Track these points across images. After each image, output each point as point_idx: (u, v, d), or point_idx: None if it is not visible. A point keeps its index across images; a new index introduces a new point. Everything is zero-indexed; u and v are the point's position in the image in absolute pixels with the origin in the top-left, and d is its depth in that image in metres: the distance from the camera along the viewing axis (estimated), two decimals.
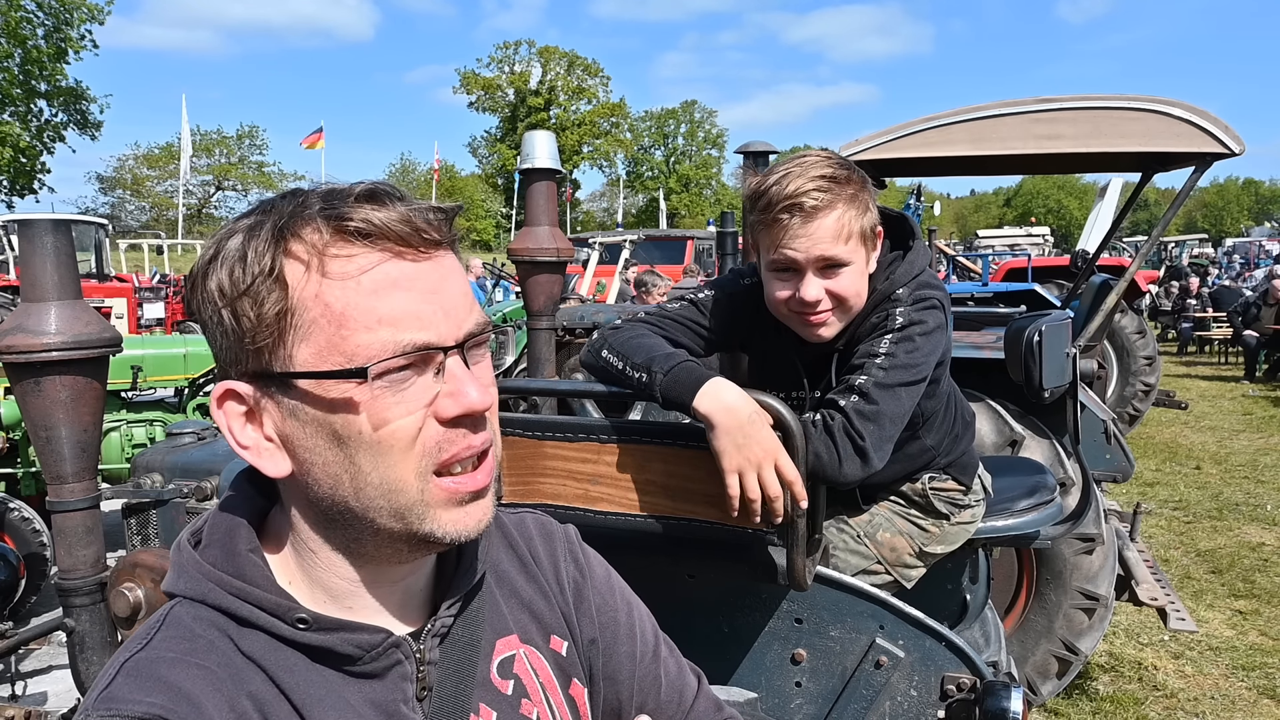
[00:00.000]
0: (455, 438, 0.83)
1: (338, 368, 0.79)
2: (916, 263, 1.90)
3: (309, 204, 0.81)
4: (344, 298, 0.79)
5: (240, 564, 0.85)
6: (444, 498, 0.83)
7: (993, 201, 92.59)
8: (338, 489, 0.82)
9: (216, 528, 0.88)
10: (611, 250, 14.08)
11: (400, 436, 0.80)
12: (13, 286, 12.02)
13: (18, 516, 4.85)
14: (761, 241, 1.84)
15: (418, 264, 0.81)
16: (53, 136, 34.72)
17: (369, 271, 0.79)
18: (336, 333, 0.79)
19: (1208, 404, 12.02)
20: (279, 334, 0.80)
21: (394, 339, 0.79)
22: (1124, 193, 14.46)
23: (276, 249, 0.79)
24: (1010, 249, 24.48)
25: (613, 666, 1.06)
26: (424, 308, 0.81)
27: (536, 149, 3.73)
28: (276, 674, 0.82)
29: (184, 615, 0.84)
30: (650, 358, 1.74)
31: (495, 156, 65.20)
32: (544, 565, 1.07)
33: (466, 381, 0.83)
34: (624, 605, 1.11)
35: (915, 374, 1.76)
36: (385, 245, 0.80)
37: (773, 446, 1.57)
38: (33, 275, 2.21)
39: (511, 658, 0.97)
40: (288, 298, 0.79)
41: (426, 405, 0.81)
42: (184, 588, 0.85)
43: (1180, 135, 3.58)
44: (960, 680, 1.80)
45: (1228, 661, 4.51)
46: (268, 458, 0.84)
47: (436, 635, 0.91)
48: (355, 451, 0.81)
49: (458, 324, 0.83)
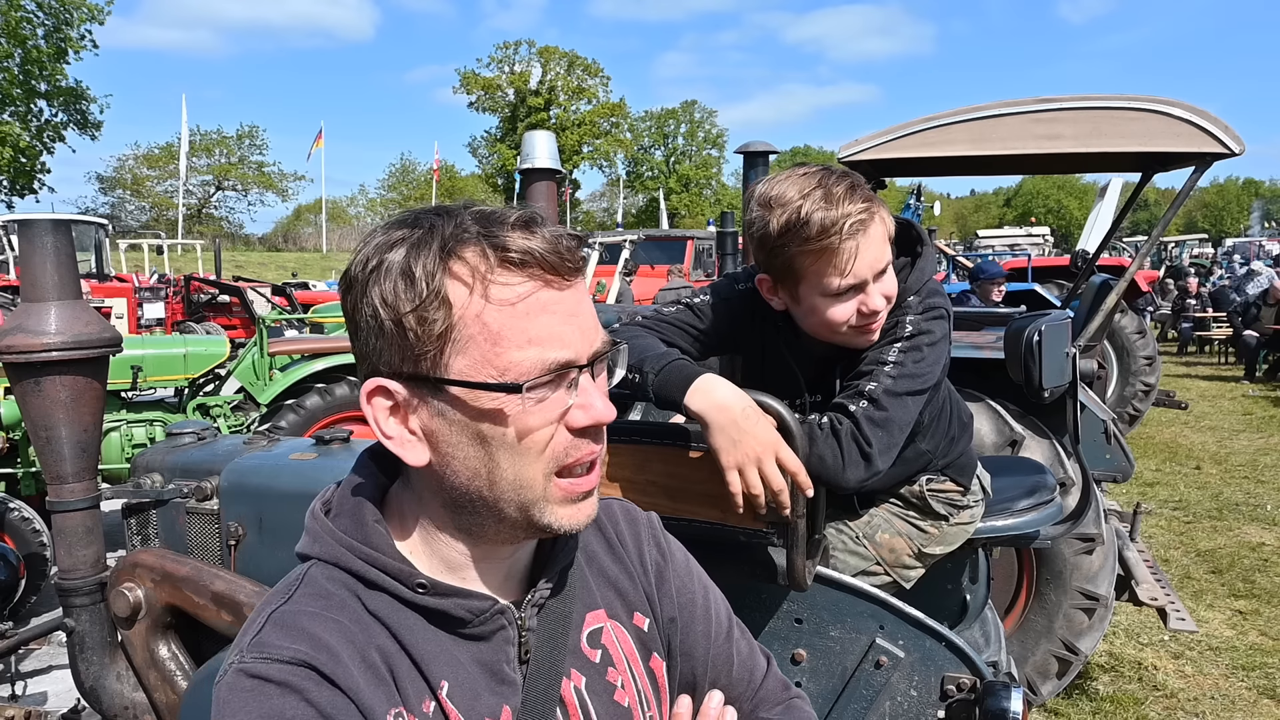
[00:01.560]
0: (580, 444, 0.94)
1: (491, 380, 0.88)
2: (926, 270, 1.91)
3: (466, 226, 0.89)
4: (501, 319, 0.88)
5: (368, 533, 0.95)
6: (562, 496, 0.94)
7: (993, 201, 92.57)
8: (474, 481, 0.92)
9: (346, 499, 0.99)
10: (611, 250, 14.07)
11: (538, 441, 0.91)
12: (13, 286, 12.03)
13: (18, 516, 4.85)
14: (809, 269, 1.75)
15: (561, 290, 0.91)
16: (53, 136, 34.68)
17: (525, 298, 0.88)
18: (491, 349, 0.88)
19: (1208, 404, 12.02)
20: (440, 347, 0.89)
21: (541, 357, 0.89)
22: (1124, 193, 14.47)
23: (443, 271, 0.88)
24: (1010, 249, 24.47)
25: (689, 643, 1.16)
26: (565, 329, 0.91)
27: (536, 149, 3.72)
28: (398, 631, 0.92)
29: (319, 575, 0.94)
30: (642, 358, 1.73)
31: (495, 156, 65.18)
32: (629, 548, 1.16)
33: (595, 395, 0.94)
34: (701, 589, 1.20)
35: (922, 383, 1.78)
36: (537, 273, 0.89)
37: (771, 439, 1.57)
38: (33, 275, 2.21)
39: (599, 630, 1.07)
40: (451, 316, 0.88)
41: (560, 416, 0.92)
42: (319, 551, 0.96)
43: (1180, 135, 3.58)
44: (960, 680, 1.80)
45: (1228, 661, 4.51)
46: (410, 449, 0.93)
47: (535, 605, 1.01)
48: (496, 451, 0.91)
49: (590, 343, 0.94)
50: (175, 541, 2.36)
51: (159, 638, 2.18)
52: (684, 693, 1.15)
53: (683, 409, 1.64)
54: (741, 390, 1.63)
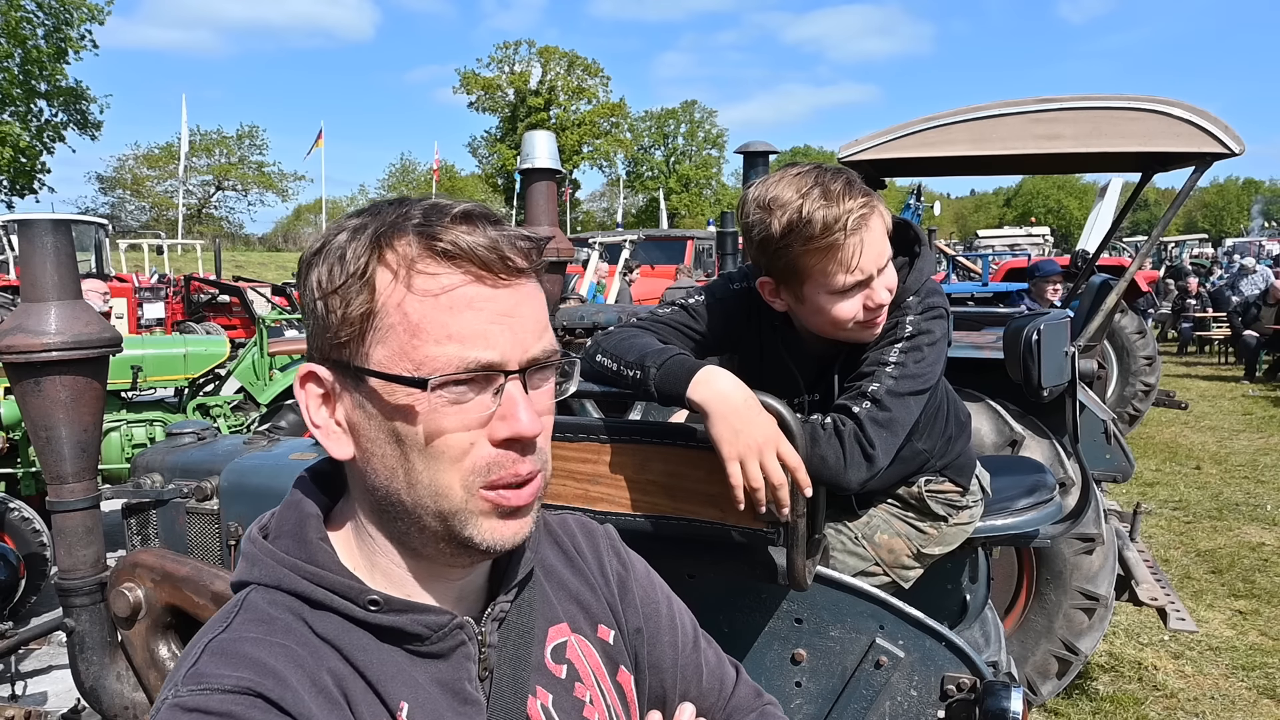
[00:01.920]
0: (504, 461, 0.87)
1: (406, 373, 0.84)
2: (925, 270, 1.91)
3: (410, 215, 0.87)
4: (421, 311, 0.84)
5: (313, 551, 0.90)
6: (486, 508, 0.88)
7: (993, 201, 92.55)
8: (392, 482, 0.88)
9: (286, 520, 0.94)
10: (611, 250, 14.08)
11: (451, 447, 0.85)
12: (13, 286, 12.02)
13: (18, 516, 4.85)
14: (814, 268, 1.75)
15: (495, 288, 0.86)
16: (53, 136, 34.66)
17: (450, 291, 0.84)
18: (409, 341, 0.84)
19: (1208, 404, 12.02)
20: (360, 332, 0.86)
21: (459, 355, 0.84)
22: (1124, 193, 14.47)
23: (372, 255, 0.85)
24: (1010, 249, 24.48)
25: (656, 655, 1.12)
26: (492, 329, 0.85)
27: (536, 149, 3.73)
28: (350, 653, 0.87)
29: (259, 600, 0.89)
30: (643, 355, 1.73)
31: (495, 156, 65.17)
32: (588, 559, 1.12)
33: (520, 406, 0.86)
34: (664, 598, 1.17)
35: (923, 383, 1.78)
36: (468, 267, 0.85)
37: (772, 433, 1.56)
38: (33, 275, 2.21)
39: (564, 644, 1.03)
40: (374, 301, 0.85)
41: (481, 424, 0.86)
42: (258, 575, 0.90)
43: (1180, 135, 3.58)
44: (960, 680, 1.80)
45: (1228, 661, 4.51)
46: (335, 440, 0.90)
47: (495, 620, 0.97)
48: (410, 452, 0.86)
49: (524, 348, 0.87)
50: (175, 541, 2.36)
51: (159, 638, 2.18)
52: (653, 707, 1.11)
53: (685, 401, 1.64)
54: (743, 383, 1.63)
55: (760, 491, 1.56)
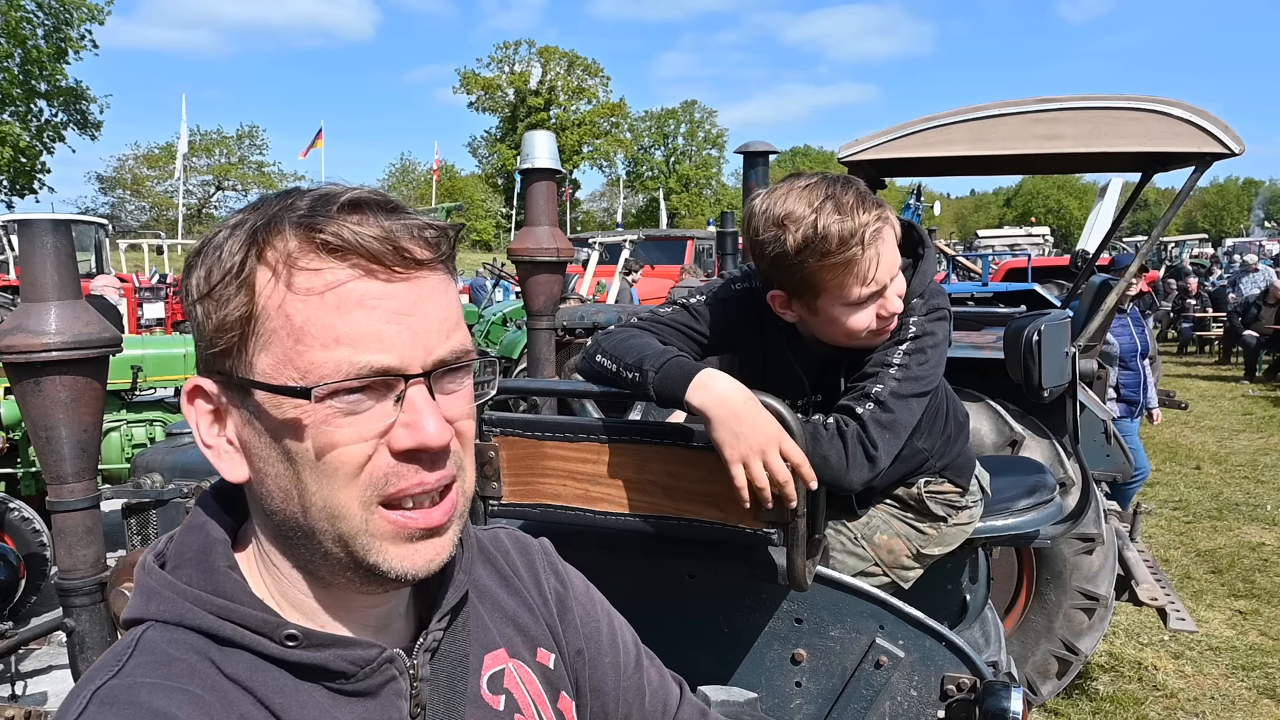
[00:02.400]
0: (406, 472, 0.78)
1: (291, 383, 0.75)
2: (928, 272, 1.91)
3: (294, 207, 0.78)
4: (305, 312, 0.75)
5: (220, 581, 0.80)
6: (390, 531, 0.78)
7: (993, 201, 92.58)
8: (288, 504, 0.79)
9: (187, 546, 0.84)
10: (611, 250, 14.08)
11: (345, 462, 0.76)
12: (13, 286, 12.02)
13: (18, 516, 4.85)
14: (830, 282, 1.74)
15: (390, 284, 0.76)
16: (53, 136, 34.69)
17: (335, 288, 0.75)
18: (294, 347, 0.75)
19: (1208, 404, 12.03)
20: (241, 339, 0.77)
21: (350, 360, 0.75)
22: (1124, 193, 14.47)
23: (249, 252, 0.76)
24: (1010, 249, 24.48)
25: (598, 678, 1.05)
26: (387, 329, 0.76)
27: (536, 149, 3.73)
28: (265, 696, 0.77)
29: (157, 639, 0.78)
30: (641, 356, 1.73)
31: (495, 156, 65.19)
32: (524, 577, 1.04)
33: (425, 413, 0.77)
34: (605, 616, 1.09)
35: (925, 385, 1.79)
36: (356, 261, 0.75)
37: (774, 431, 1.56)
38: (33, 275, 2.21)
39: (501, 672, 0.94)
40: (253, 303, 0.76)
41: (380, 434, 0.77)
42: (156, 610, 0.79)
43: (1180, 135, 3.58)
44: (960, 680, 1.80)
45: (1228, 661, 4.51)
46: (227, 461, 0.82)
47: (428, 650, 0.88)
48: (302, 470, 0.77)
49: (427, 349, 0.78)
50: None
51: None
52: None
53: (684, 404, 1.64)
54: (741, 384, 1.62)
55: (765, 490, 1.56)
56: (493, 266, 15.21)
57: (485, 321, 10.84)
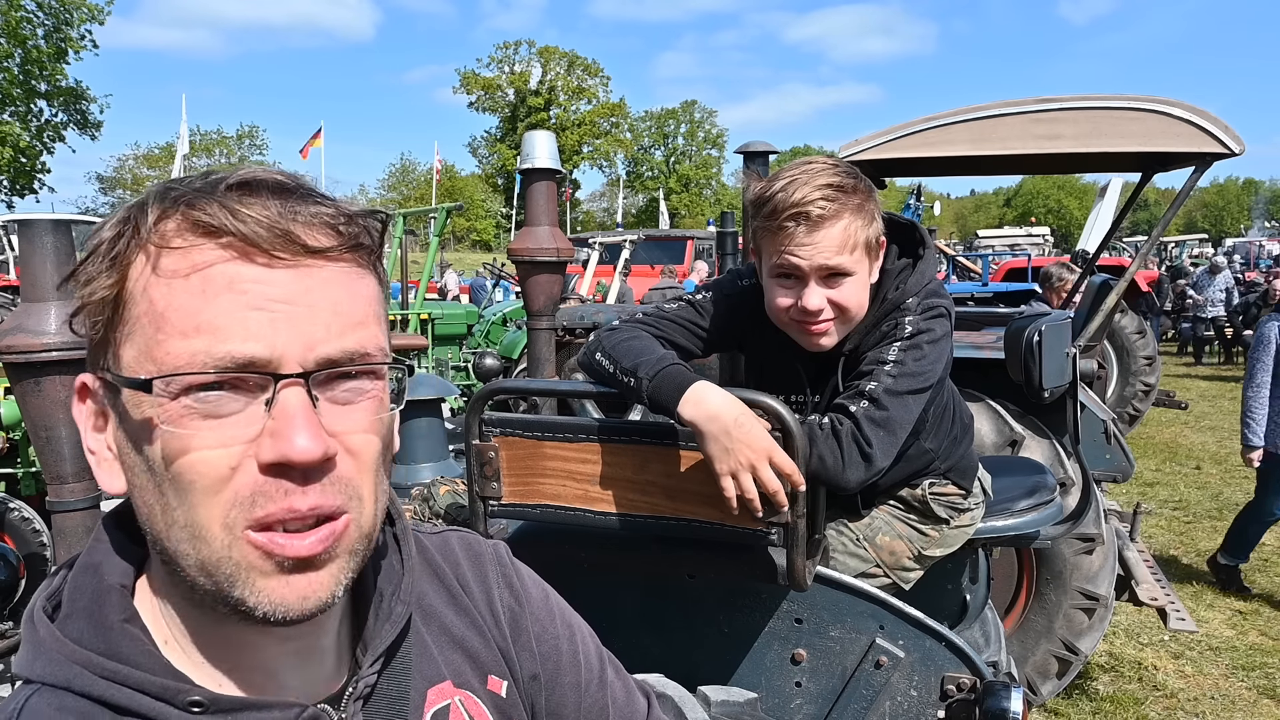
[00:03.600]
0: (274, 492, 0.65)
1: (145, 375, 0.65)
2: (927, 272, 1.90)
3: (189, 185, 0.69)
4: (168, 296, 0.65)
5: (113, 639, 0.69)
6: (257, 557, 0.66)
7: (993, 201, 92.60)
8: (154, 521, 0.68)
9: (80, 592, 0.72)
10: (611, 250, 14.08)
11: (202, 472, 0.65)
12: (13, 286, 12.02)
13: (18, 516, 4.85)
14: (764, 247, 1.82)
15: (270, 269, 0.66)
16: (53, 136, 34.70)
17: (202, 270, 0.65)
18: (154, 336, 0.66)
19: (1208, 404, 12.02)
20: (108, 326, 0.68)
21: (207, 350, 0.64)
22: (1124, 193, 14.47)
23: (124, 228, 0.68)
24: (1010, 249, 24.47)
25: (556, 701, 0.95)
26: (257, 317, 0.65)
27: (536, 149, 3.73)
28: None
29: (43, 707, 0.68)
30: (637, 362, 1.73)
31: (495, 156, 65.20)
32: (475, 594, 0.93)
33: (296, 421, 0.65)
34: (565, 630, 0.98)
35: (923, 381, 1.77)
36: (229, 241, 0.66)
37: (764, 445, 1.57)
38: (33, 275, 2.21)
39: (446, 708, 0.84)
40: (122, 286, 0.67)
41: (249, 440, 0.65)
42: (42, 671, 0.69)
43: (1180, 135, 3.58)
44: (960, 680, 1.80)
45: (1228, 661, 4.51)
46: (105, 470, 0.72)
47: (360, 697, 0.77)
48: (161, 481, 0.66)
49: (308, 345, 0.67)
50: None
51: None
52: None
53: (676, 417, 1.65)
54: (734, 396, 1.62)
55: (755, 502, 1.58)
56: (493, 266, 15.22)
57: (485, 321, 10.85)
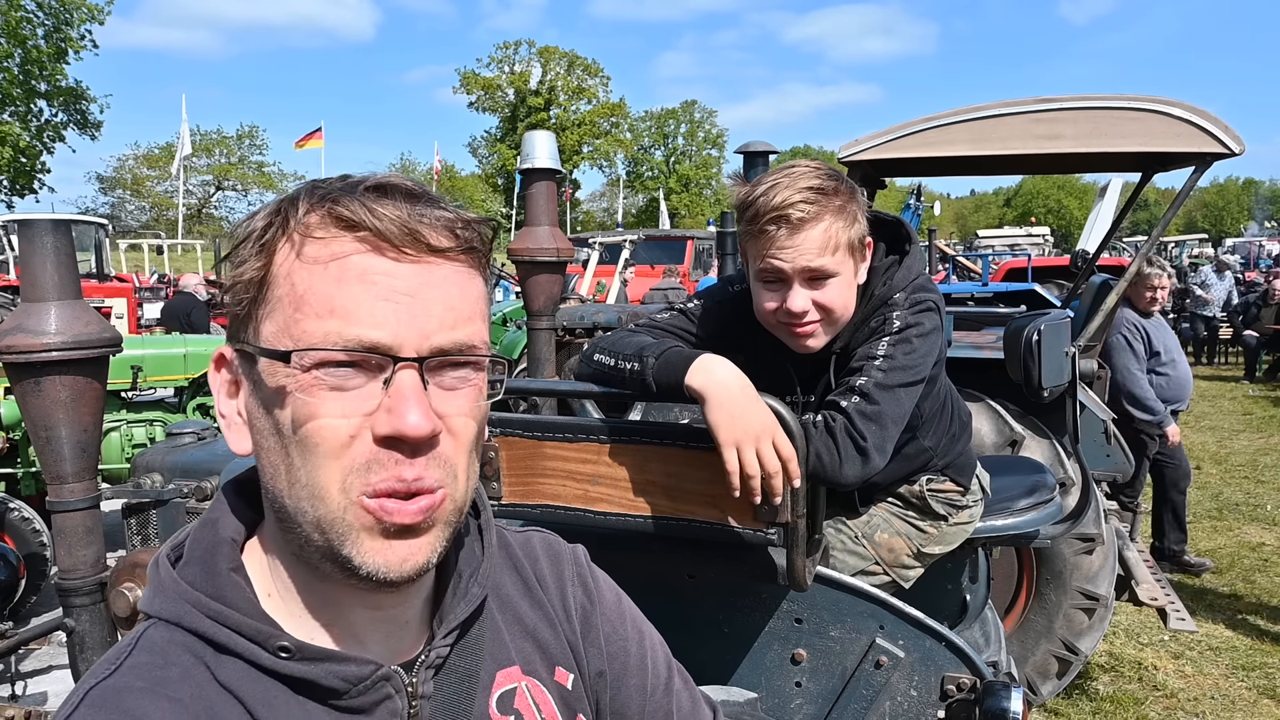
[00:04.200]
0: (386, 462, 0.74)
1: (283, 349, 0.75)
2: (913, 268, 1.91)
3: (328, 185, 0.79)
4: (308, 281, 0.75)
5: (220, 584, 0.79)
6: (367, 521, 0.75)
7: (993, 201, 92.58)
8: (277, 481, 0.77)
9: (198, 543, 0.83)
10: (611, 250, 14.08)
11: (326, 437, 0.74)
12: (13, 286, 12.02)
13: (18, 516, 4.85)
14: (749, 251, 1.84)
15: (398, 263, 0.75)
16: (53, 136, 34.64)
17: (339, 259, 0.75)
18: (292, 315, 0.75)
19: (1208, 404, 12.03)
20: (253, 303, 0.77)
21: (339, 331, 0.73)
22: (1124, 193, 14.47)
23: (273, 218, 0.78)
24: (1010, 249, 24.48)
25: (621, 701, 0.99)
26: (383, 307, 0.74)
27: (536, 149, 3.73)
28: (255, 707, 0.75)
29: (158, 639, 0.77)
30: (641, 348, 1.75)
31: (495, 156, 65.17)
32: (550, 590, 0.99)
33: (409, 401, 0.74)
34: (635, 634, 1.03)
35: (913, 375, 1.77)
36: (364, 235, 0.75)
37: (769, 422, 1.57)
38: (33, 275, 2.21)
39: (513, 691, 0.90)
40: (268, 269, 0.77)
41: (367, 414, 0.74)
42: (160, 607, 0.79)
43: (1180, 135, 3.58)
44: (960, 680, 1.80)
45: (1228, 661, 4.51)
46: (235, 433, 0.82)
47: (431, 666, 0.84)
48: (289, 444, 0.75)
49: (424, 334, 0.75)
50: None
51: None
52: None
53: (683, 388, 1.64)
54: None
55: (755, 479, 1.56)
56: (493, 266, 15.22)
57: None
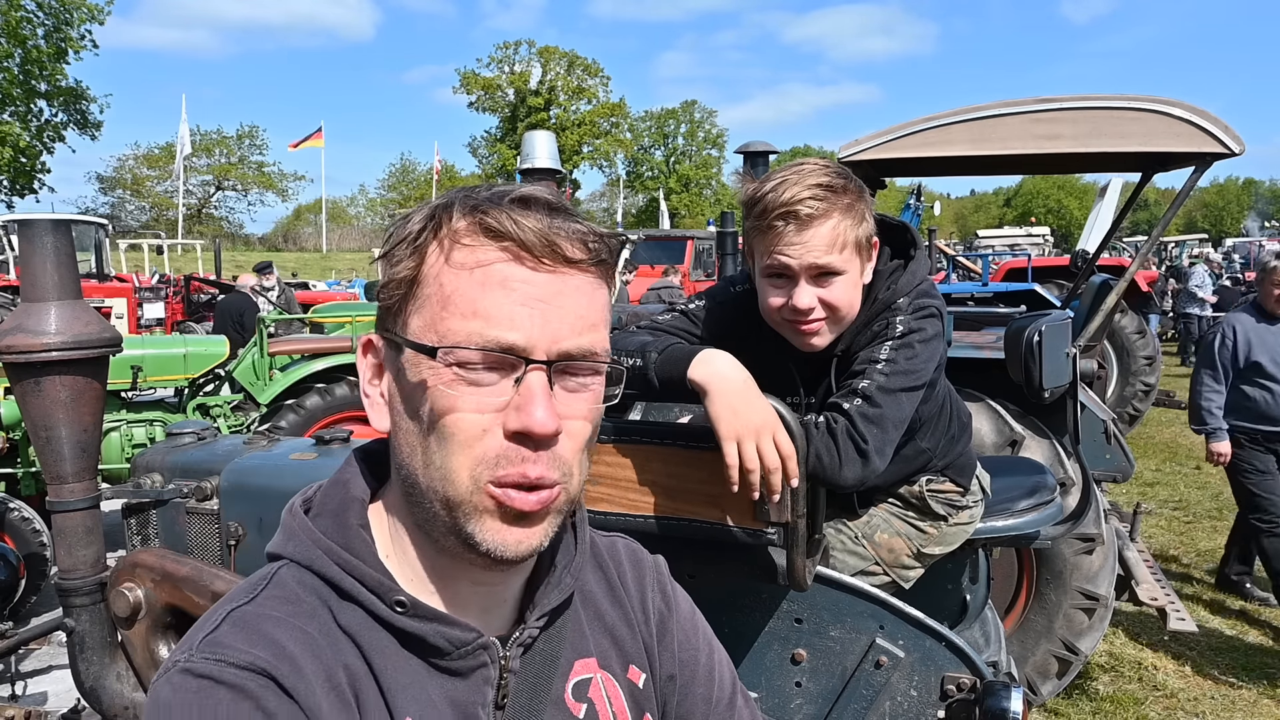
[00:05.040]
0: (513, 456, 0.81)
1: (429, 344, 0.82)
2: (918, 273, 1.92)
3: (476, 194, 0.85)
4: (455, 283, 0.82)
5: (349, 536, 0.87)
6: (490, 505, 0.82)
7: (993, 201, 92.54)
8: (413, 460, 0.85)
9: (330, 498, 0.91)
10: None
11: (462, 428, 0.81)
12: (13, 286, 12.03)
13: (18, 516, 4.85)
14: (756, 247, 1.84)
15: (536, 272, 0.82)
16: (53, 136, 34.61)
17: (485, 266, 0.82)
18: (440, 312, 0.82)
19: None
20: (403, 299, 0.85)
21: (480, 332, 0.81)
22: (1124, 193, 14.47)
23: (427, 223, 0.85)
24: (1010, 249, 24.46)
25: (686, 708, 1.05)
26: (521, 311, 0.81)
27: (536, 149, 3.74)
28: (369, 653, 0.83)
29: (289, 578, 0.86)
30: (643, 344, 1.75)
31: (495, 156, 65.14)
32: (631, 593, 1.05)
33: (538, 400, 0.80)
34: (705, 646, 1.09)
35: (915, 379, 1.78)
36: (509, 246, 0.82)
37: (770, 417, 1.57)
38: (33, 275, 2.21)
39: (588, 681, 0.96)
40: (419, 269, 0.84)
41: (498, 410, 0.81)
42: (293, 550, 0.87)
43: (1180, 135, 3.58)
44: (960, 680, 1.80)
45: (1228, 661, 4.51)
46: (377, 411, 0.89)
47: (521, 645, 0.91)
48: (427, 430, 0.83)
49: (554, 339, 0.82)
50: (175, 541, 2.36)
51: (159, 638, 2.18)
52: None
53: (686, 381, 1.64)
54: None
55: (755, 474, 1.57)
56: None
57: None
